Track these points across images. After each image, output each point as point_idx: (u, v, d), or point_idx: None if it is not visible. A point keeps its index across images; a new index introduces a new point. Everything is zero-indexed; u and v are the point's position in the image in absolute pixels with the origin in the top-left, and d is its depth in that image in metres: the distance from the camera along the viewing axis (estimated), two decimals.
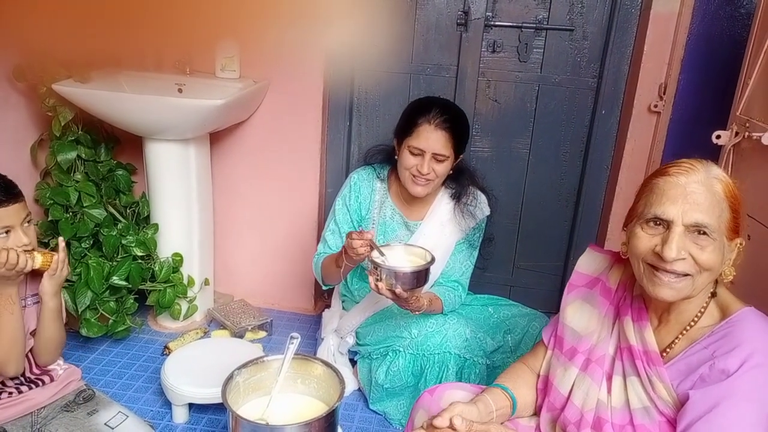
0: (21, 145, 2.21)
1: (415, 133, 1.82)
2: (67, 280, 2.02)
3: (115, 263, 2.13)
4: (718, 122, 1.78)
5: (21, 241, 1.40)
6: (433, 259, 1.71)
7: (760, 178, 1.58)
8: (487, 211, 2.01)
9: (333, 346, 2.12)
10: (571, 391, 1.23)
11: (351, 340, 2.07)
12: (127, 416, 1.59)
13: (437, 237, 1.97)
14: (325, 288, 2.07)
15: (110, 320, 2.11)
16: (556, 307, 1.36)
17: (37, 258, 1.43)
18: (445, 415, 1.11)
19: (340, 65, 2.32)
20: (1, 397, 1.50)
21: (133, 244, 2.17)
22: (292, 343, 1.44)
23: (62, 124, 2.13)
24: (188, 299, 2.33)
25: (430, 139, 1.81)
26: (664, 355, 1.13)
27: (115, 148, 2.38)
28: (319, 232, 2.35)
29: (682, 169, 1.06)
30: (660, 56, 2.16)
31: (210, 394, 1.84)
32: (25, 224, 1.43)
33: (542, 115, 2.37)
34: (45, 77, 2.06)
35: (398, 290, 1.64)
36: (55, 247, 1.48)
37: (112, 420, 1.57)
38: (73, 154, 2.20)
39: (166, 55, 2.31)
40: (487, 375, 1.88)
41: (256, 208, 2.50)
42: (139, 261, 2.19)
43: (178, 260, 2.27)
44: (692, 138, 2.18)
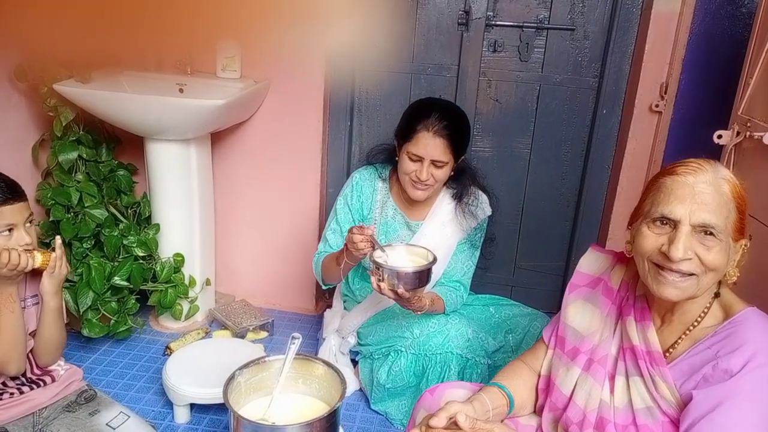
0: (22, 146, 2.21)
1: (414, 139, 1.82)
2: (68, 281, 2.03)
3: (116, 263, 2.13)
4: (720, 122, 1.79)
5: (23, 240, 1.41)
6: (435, 259, 1.71)
7: (762, 178, 1.58)
8: (489, 211, 2.01)
9: (334, 346, 2.12)
10: (574, 391, 1.22)
11: (352, 340, 2.07)
12: (129, 416, 1.59)
13: (439, 237, 1.96)
14: (325, 288, 2.06)
15: (112, 320, 2.12)
16: (558, 307, 1.36)
17: (37, 257, 1.43)
18: (442, 415, 1.10)
19: (341, 65, 2.32)
20: (3, 397, 1.50)
21: (134, 245, 2.17)
22: (294, 344, 1.44)
23: (63, 125, 2.13)
24: (189, 299, 2.33)
25: (429, 146, 1.80)
26: (667, 355, 1.13)
27: (117, 149, 2.38)
28: (320, 232, 2.35)
29: (690, 169, 1.06)
30: (661, 56, 2.16)
31: (211, 395, 1.84)
32: (27, 224, 1.44)
33: (543, 115, 2.37)
34: (46, 77, 2.06)
35: (400, 290, 1.64)
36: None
37: (114, 420, 1.57)
38: (74, 155, 2.20)
39: (167, 55, 2.31)
40: (488, 375, 1.87)
41: (257, 208, 2.50)
42: (141, 261, 2.19)
43: (179, 260, 2.27)
44: (693, 138, 2.18)
